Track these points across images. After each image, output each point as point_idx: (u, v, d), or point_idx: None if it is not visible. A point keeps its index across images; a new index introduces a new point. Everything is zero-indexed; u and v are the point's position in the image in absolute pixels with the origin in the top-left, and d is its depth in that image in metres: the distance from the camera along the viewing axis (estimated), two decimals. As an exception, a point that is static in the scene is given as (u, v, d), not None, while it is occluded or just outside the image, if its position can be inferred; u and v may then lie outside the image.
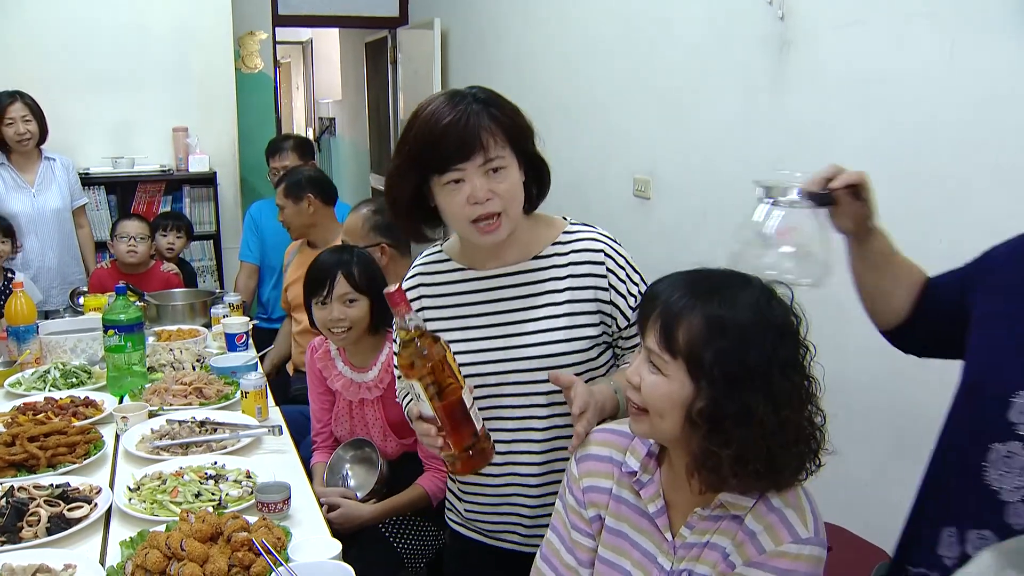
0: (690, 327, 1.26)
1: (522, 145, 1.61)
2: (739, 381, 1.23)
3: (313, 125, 11.31)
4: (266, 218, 4.37)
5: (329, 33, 9.44)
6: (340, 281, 2.48)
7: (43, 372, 2.83)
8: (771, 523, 1.28)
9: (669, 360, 1.27)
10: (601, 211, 3.64)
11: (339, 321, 2.47)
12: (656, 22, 3.35)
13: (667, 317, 1.28)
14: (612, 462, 1.44)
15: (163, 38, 5.22)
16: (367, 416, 2.55)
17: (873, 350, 2.40)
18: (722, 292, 1.28)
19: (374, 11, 6.67)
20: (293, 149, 4.34)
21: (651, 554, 1.38)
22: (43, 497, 1.92)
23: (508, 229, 1.61)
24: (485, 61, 5.08)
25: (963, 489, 1.32)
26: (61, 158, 4.49)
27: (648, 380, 1.30)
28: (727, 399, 1.23)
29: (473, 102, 1.56)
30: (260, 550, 1.61)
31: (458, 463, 1.51)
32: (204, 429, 2.40)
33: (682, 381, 1.27)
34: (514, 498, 1.73)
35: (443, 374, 1.46)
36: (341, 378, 2.57)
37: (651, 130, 3.43)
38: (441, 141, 1.53)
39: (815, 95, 2.57)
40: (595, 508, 1.44)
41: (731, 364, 1.23)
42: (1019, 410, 1.25)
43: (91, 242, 4.70)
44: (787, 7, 2.63)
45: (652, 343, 1.29)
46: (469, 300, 1.72)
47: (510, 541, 1.78)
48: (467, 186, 1.55)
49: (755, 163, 2.84)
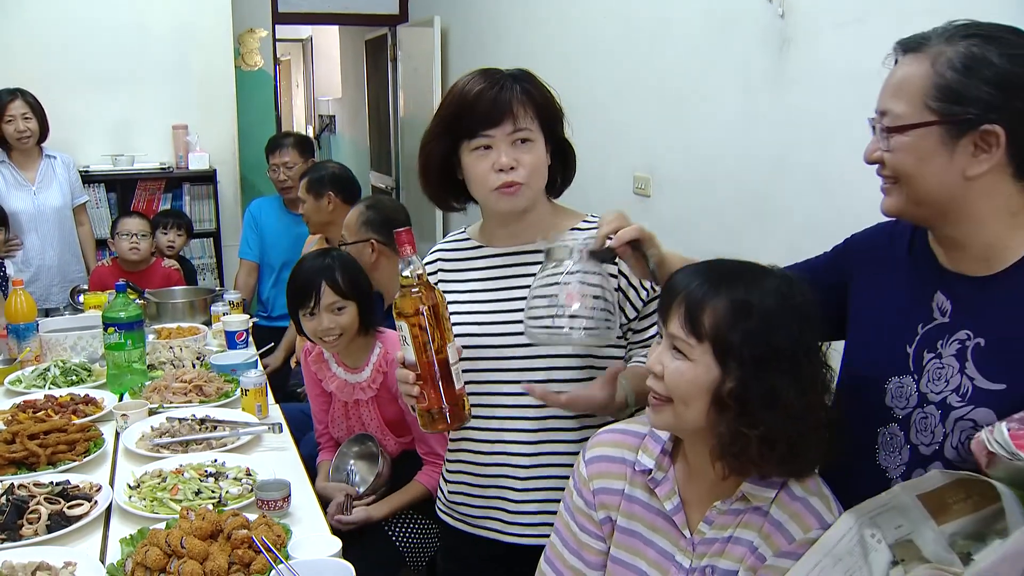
0: (715, 310, 1.26)
1: (551, 125, 1.68)
2: (767, 363, 1.24)
3: (313, 123, 11.31)
4: (266, 216, 4.37)
5: (329, 31, 9.44)
6: (326, 291, 2.42)
7: (43, 370, 2.83)
8: (797, 511, 1.29)
9: (695, 344, 1.27)
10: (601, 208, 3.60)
11: (330, 330, 2.43)
12: (656, 20, 3.35)
13: (691, 302, 1.28)
14: (624, 462, 1.44)
15: (163, 36, 5.22)
16: (363, 416, 2.55)
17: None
18: (744, 278, 1.29)
19: (374, 9, 6.66)
20: (293, 146, 4.34)
21: (668, 552, 1.37)
22: (43, 495, 1.92)
23: (527, 198, 1.66)
24: (485, 59, 5.07)
25: (859, 472, 1.38)
26: (62, 156, 4.48)
27: (672, 367, 1.29)
28: (755, 380, 1.24)
29: (509, 78, 1.64)
30: (260, 548, 1.61)
31: (427, 418, 1.53)
32: (204, 427, 2.40)
33: (708, 365, 1.26)
34: (502, 480, 1.74)
35: (432, 325, 1.49)
36: (336, 379, 2.57)
37: (651, 128, 3.43)
38: (474, 107, 1.61)
39: (815, 93, 2.57)
40: (606, 510, 1.44)
41: (759, 346, 1.24)
42: (892, 395, 1.34)
43: (92, 240, 4.69)
44: (787, 5, 2.63)
45: (676, 328, 1.29)
46: (482, 276, 1.75)
47: (491, 528, 1.78)
48: (494, 153, 1.61)
49: (755, 161, 2.84)
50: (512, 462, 1.72)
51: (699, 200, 3.15)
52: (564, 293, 1.44)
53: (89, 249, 4.63)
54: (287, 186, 4.26)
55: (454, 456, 1.82)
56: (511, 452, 1.72)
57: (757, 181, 2.84)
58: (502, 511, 1.75)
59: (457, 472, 1.82)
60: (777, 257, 2.72)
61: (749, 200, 2.88)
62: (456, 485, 1.82)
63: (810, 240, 2.60)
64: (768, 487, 1.31)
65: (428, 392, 1.51)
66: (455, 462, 1.82)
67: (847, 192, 2.48)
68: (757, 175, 2.84)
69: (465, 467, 1.80)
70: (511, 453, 1.72)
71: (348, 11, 6.70)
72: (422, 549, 2.51)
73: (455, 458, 1.82)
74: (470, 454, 1.78)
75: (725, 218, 3.01)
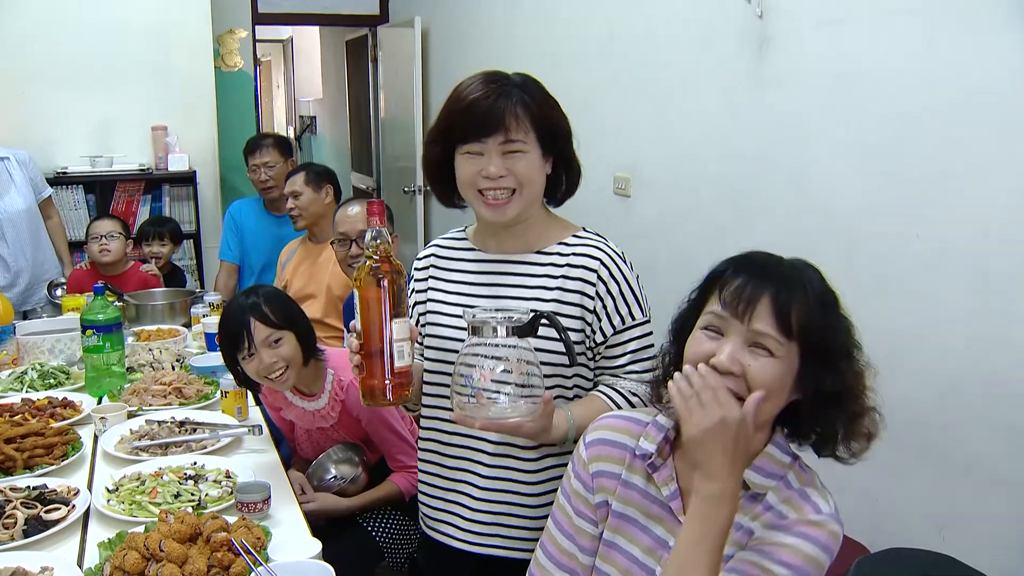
0: (800, 308, 1.27)
1: (549, 137, 1.65)
2: (845, 349, 1.29)
3: (294, 123, 11.27)
4: (246, 217, 4.34)
5: (310, 31, 9.41)
6: (257, 327, 2.26)
7: (20, 373, 2.80)
8: (790, 497, 1.30)
9: (784, 342, 1.27)
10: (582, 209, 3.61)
11: (272, 365, 2.27)
12: (636, 21, 3.36)
13: (779, 301, 1.27)
14: (624, 447, 1.43)
15: (142, 35, 5.18)
16: (328, 442, 2.51)
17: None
18: (801, 272, 1.31)
19: (354, 9, 6.65)
20: (273, 146, 4.31)
21: (662, 539, 1.37)
22: (20, 499, 1.90)
23: (516, 210, 1.65)
24: (465, 60, 5.07)
25: None
26: (14, 153, 4.27)
27: (756, 364, 1.27)
28: (835, 369, 1.27)
29: (509, 84, 1.63)
30: (240, 550, 1.60)
31: (367, 391, 1.54)
32: (184, 429, 2.39)
33: (793, 361, 1.27)
34: (463, 485, 1.74)
35: (382, 297, 1.49)
36: (294, 408, 2.49)
37: (632, 128, 3.44)
38: (466, 113, 1.61)
39: (794, 92, 2.59)
40: (603, 493, 1.43)
41: (839, 335, 1.29)
42: None
43: (62, 232, 4.56)
44: (765, 5, 2.64)
45: (765, 326, 1.27)
46: (470, 279, 1.75)
47: (444, 533, 1.78)
48: (484, 159, 1.61)
49: (736, 160, 2.85)
50: (474, 470, 1.73)
51: (679, 200, 3.16)
52: (478, 372, 1.46)
53: (61, 242, 4.50)
54: (269, 186, 4.22)
55: (424, 456, 1.83)
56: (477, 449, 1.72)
57: (737, 180, 2.85)
58: (459, 516, 1.76)
59: (425, 472, 1.82)
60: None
61: (729, 199, 2.89)
62: (424, 486, 1.83)
63: (790, 239, 2.63)
64: (769, 477, 1.32)
65: (370, 364, 1.52)
66: (425, 462, 1.82)
67: (826, 191, 2.50)
68: (737, 174, 2.85)
69: (432, 467, 1.80)
70: (477, 451, 1.72)
71: (328, 12, 6.68)
72: (401, 546, 2.51)
73: (426, 457, 1.82)
74: (438, 456, 1.78)
75: (706, 217, 3.02)
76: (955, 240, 2.13)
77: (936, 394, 2.18)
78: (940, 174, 2.15)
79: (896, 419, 2.27)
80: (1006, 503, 2.03)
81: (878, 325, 2.33)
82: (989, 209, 2.03)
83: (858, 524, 2.32)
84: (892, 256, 2.28)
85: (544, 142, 1.64)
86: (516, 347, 1.47)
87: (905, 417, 2.26)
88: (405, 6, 6.20)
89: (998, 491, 2.04)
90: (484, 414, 1.46)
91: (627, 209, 3.46)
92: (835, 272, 2.04)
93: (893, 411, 2.27)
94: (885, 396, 2.29)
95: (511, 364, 1.46)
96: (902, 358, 2.26)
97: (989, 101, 2.02)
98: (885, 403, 2.35)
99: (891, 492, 2.33)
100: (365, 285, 1.50)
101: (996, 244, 2.02)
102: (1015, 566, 1.99)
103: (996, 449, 2.04)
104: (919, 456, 2.23)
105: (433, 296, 1.78)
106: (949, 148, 2.12)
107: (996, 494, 2.05)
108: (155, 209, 5.27)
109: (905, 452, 2.27)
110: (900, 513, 2.30)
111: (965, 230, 2.10)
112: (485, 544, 1.73)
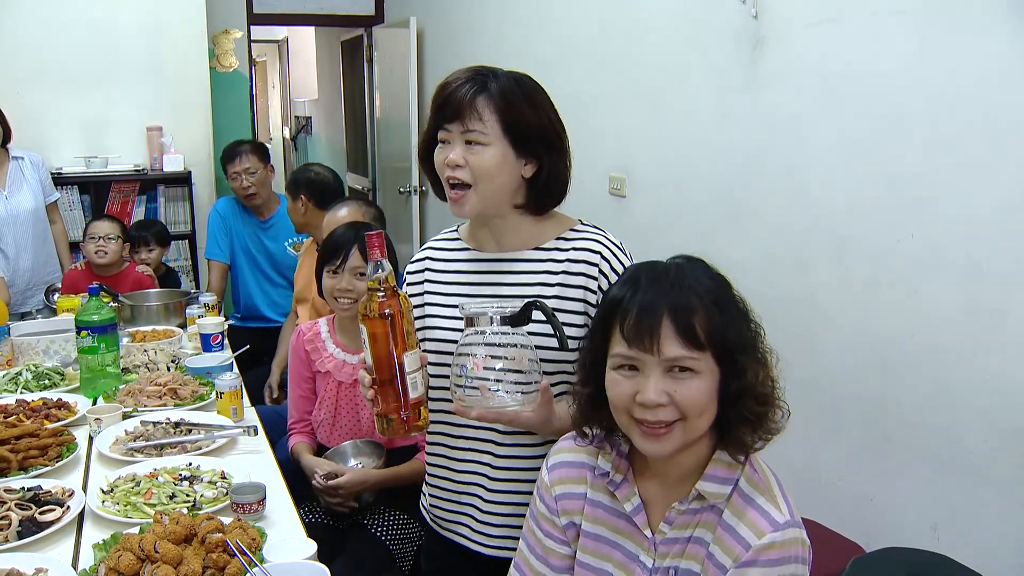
0: (703, 316, 1.26)
1: (520, 135, 1.62)
2: (751, 342, 1.30)
3: (289, 124, 11.26)
4: (232, 215, 4.32)
5: (305, 32, 9.40)
6: (354, 254, 2.54)
7: (15, 374, 2.79)
8: (744, 511, 1.29)
9: (698, 355, 1.26)
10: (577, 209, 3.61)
11: (347, 292, 2.54)
12: (630, 21, 3.36)
13: (679, 318, 1.25)
14: (584, 466, 1.44)
15: (136, 36, 5.17)
16: (357, 398, 2.55)
17: (845, 347, 2.43)
18: (688, 275, 1.30)
19: (350, 10, 6.64)
20: (252, 152, 4.24)
21: (632, 553, 1.37)
22: (14, 500, 1.90)
23: (474, 206, 1.64)
24: (460, 60, 5.07)
25: None
26: (29, 155, 4.39)
27: (682, 389, 1.26)
28: (747, 364, 1.27)
29: (487, 76, 1.63)
30: (235, 551, 1.60)
31: (382, 422, 1.54)
32: (179, 430, 2.38)
33: (712, 370, 1.27)
34: (473, 488, 1.74)
35: (391, 331, 1.49)
36: (332, 360, 2.58)
37: (626, 128, 3.44)
38: (438, 100, 1.64)
39: (788, 92, 2.59)
40: (568, 515, 1.44)
41: (742, 330, 1.29)
42: None
43: (65, 238, 4.61)
44: (760, 5, 2.65)
45: (675, 350, 1.25)
46: (467, 280, 1.74)
47: (460, 535, 1.78)
48: (448, 148, 1.62)
49: (730, 160, 2.86)
50: (484, 472, 1.72)
51: (674, 200, 3.17)
52: (471, 361, 1.46)
53: (63, 247, 4.55)
54: (251, 193, 4.18)
55: (432, 460, 1.82)
56: (485, 452, 1.72)
57: (731, 180, 2.85)
58: (471, 518, 1.76)
59: (434, 476, 1.82)
60: (751, 255, 2.75)
61: (723, 199, 2.90)
62: (433, 488, 1.82)
63: (783, 239, 2.63)
64: (723, 484, 1.31)
65: (384, 396, 1.52)
66: (433, 465, 1.82)
67: (819, 191, 2.50)
68: (731, 174, 2.85)
69: (441, 471, 1.80)
70: (485, 453, 1.72)
71: (324, 12, 6.67)
72: (408, 549, 2.50)
73: (433, 461, 1.81)
74: (446, 460, 1.78)
75: (700, 217, 3.02)
76: (948, 239, 2.14)
77: (929, 393, 2.18)
78: (932, 174, 2.15)
79: (889, 418, 2.30)
80: (1000, 502, 2.03)
81: (871, 324, 2.35)
82: (981, 208, 2.04)
83: (853, 524, 2.33)
84: (884, 255, 2.29)
85: (515, 139, 1.61)
86: (510, 335, 1.47)
87: (898, 416, 2.28)
88: (400, 6, 6.20)
89: (992, 490, 2.05)
90: (481, 404, 1.47)
91: (623, 209, 3.47)
92: (828, 271, 2.07)
93: (888, 413, 2.29)
94: (881, 397, 2.31)
95: (505, 352, 1.47)
96: (895, 357, 2.27)
97: (981, 101, 2.03)
98: (881, 403, 2.37)
99: (885, 491, 2.33)
100: (373, 321, 1.49)
101: (988, 243, 2.03)
102: (1009, 565, 2.00)
103: (989, 448, 2.04)
104: (913, 455, 2.23)
105: (430, 300, 1.77)
106: (941, 148, 2.13)
107: (990, 493, 2.05)
108: (150, 210, 5.26)
109: (898, 451, 2.28)
110: (894, 512, 2.30)
111: (957, 229, 2.11)
112: (498, 547, 1.73)
